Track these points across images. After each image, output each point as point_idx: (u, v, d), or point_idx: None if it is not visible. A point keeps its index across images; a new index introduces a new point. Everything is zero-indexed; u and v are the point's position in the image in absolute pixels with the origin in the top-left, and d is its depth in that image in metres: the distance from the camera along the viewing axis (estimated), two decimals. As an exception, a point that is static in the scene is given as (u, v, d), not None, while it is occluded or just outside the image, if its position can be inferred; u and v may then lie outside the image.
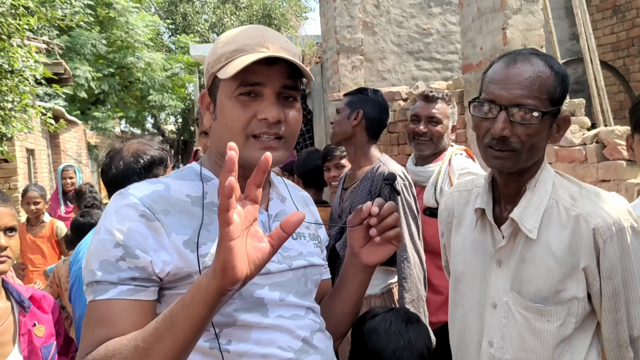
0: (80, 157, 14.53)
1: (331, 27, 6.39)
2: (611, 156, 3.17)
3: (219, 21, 23.24)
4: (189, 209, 1.16)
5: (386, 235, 1.26)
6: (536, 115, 1.34)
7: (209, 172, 1.25)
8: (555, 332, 1.40)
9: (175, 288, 1.12)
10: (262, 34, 1.18)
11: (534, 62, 1.38)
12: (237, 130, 1.15)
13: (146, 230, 1.09)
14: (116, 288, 1.06)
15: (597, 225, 1.38)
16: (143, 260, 1.08)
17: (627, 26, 7.25)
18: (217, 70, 1.17)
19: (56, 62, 8.66)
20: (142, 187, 1.17)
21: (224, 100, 1.17)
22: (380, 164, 2.51)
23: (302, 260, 1.27)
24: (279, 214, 1.29)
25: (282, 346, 1.17)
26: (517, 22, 3.74)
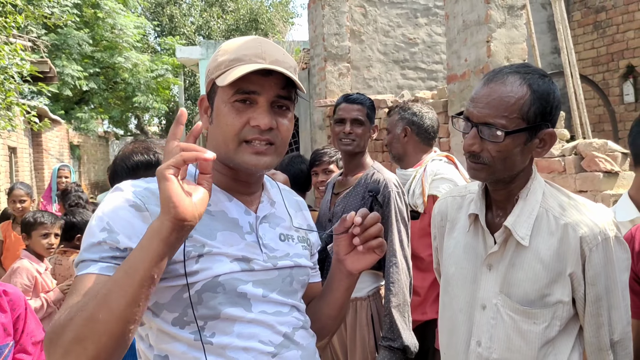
0: (63, 157, 14.39)
1: (319, 34, 6.46)
2: (589, 168, 3.27)
3: (206, 24, 23.20)
4: None
5: (369, 245, 1.28)
6: (499, 134, 1.41)
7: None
8: (541, 333, 1.47)
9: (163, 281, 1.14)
10: (261, 45, 1.25)
11: (508, 81, 1.44)
12: (231, 135, 1.21)
13: (134, 219, 1.14)
14: (96, 264, 1.10)
15: (584, 234, 1.44)
16: (123, 244, 1.12)
17: (607, 42, 7.44)
18: (216, 76, 1.24)
19: (41, 60, 8.60)
20: (137, 184, 1.22)
21: (221, 105, 1.23)
22: (374, 170, 2.57)
23: (288, 260, 1.31)
24: (267, 217, 1.33)
25: (263, 340, 1.21)
26: (501, 36, 3.84)
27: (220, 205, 1.27)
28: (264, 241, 1.29)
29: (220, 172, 1.28)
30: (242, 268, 1.22)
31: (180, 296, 1.17)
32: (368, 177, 2.54)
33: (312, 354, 1.32)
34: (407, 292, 2.43)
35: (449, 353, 1.65)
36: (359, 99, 2.61)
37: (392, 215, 2.45)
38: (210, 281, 1.17)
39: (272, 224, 1.34)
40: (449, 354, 1.65)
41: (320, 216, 2.72)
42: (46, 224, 3.46)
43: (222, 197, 1.28)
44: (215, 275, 1.17)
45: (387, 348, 2.36)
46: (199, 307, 1.16)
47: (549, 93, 1.45)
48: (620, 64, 7.24)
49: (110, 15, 15.14)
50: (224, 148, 1.24)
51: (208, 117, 1.29)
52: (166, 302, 1.18)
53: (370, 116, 2.61)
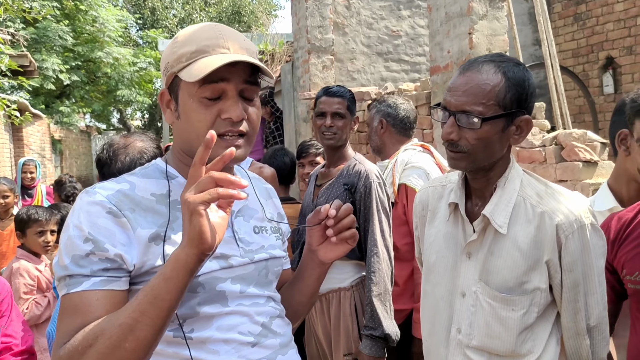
0: (44, 152, 14.22)
1: (302, 26, 6.45)
2: (569, 157, 3.33)
3: (188, 17, 23.01)
4: (153, 207, 1.20)
5: (342, 236, 1.29)
6: (476, 121, 1.45)
7: (173, 170, 1.28)
8: (519, 320, 1.50)
9: (142, 283, 1.14)
10: (221, 33, 1.22)
11: (484, 70, 1.48)
12: (203, 130, 1.17)
13: (114, 226, 1.13)
14: (89, 280, 1.10)
15: (560, 221, 1.48)
16: (112, 253, 1.11)
17: (587, 33, 7.52)
18: (178, 70, 1.20)
19: (21, 54, 8.48)
20: (108, 186, 1.20)
21: (187, 100, 1.20)
22: (355, 162, 2.58)
23: (263, 253, 1.32)
24: (241, 210, 1.33)
25: (242, 331, 1.23)
26: (483, 28, 3.88)
27: None
28: (239, 235, 1.29)
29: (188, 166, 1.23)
30: (221, 266, 1.22)
31: None
32: (350, 169, 2.56)
33: (289, 341, 1.35)
34: (389, 282, 2.46)
35: (431, 340, 1.68)
36: (339, 91, 2.62)
37: (374, 206, 2.47)
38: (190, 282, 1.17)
39: (246, 216, 1.34)
40: (431, 341, 1.68)
41: (304, 208, 2.73)
42: (41, 221, 3.34)
43: None
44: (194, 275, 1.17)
45: (369, 337, 2.39)
46: (179, 307, 1.15)
47: (524, 80, 1.49)
48: (599, 55, 7.33)
49: (92, 7, 14.93)
50: (197, 143, 1.18)
51: (172, 112, 1.25)
52: None
53: (351, 108, 2.62)
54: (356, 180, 2.51)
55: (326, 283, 2.51)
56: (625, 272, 1.63)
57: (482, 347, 1.54)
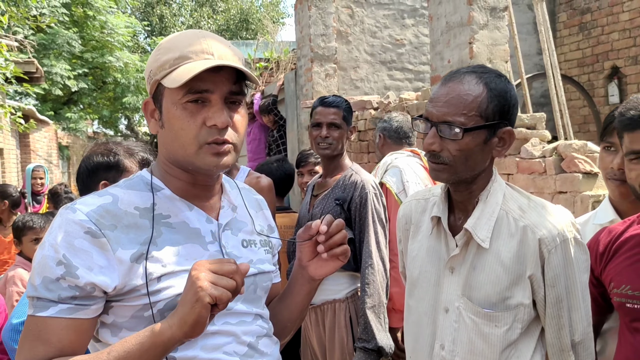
0: (51, 158, 14.31)
1: (306, 35, 6.46)
2: (568, 169, 3.29)
3: (196, 24, 23.14)
4: (136, 222, 1.16)
5: (333, 252, 1.27)
6: (457, 132, 1.43)
7: (159, 182, 1.25)
8: (502, 336, 1.47)
9: (123, 300, 1.13)
10: (205, 39, 1.19)
11: (465, 80, 1.46)
12: (188, 139, 1.16)
13: (91, 248, 1.10)
14: (56, 306, 1.08)
15: (542, 236, 1.46)
16: (83, 280, 1.08)
17: (593, 43, 7.49)
18: (161, 77, 1.17)
19: (28, 60, 8.55)
20: (89, 201, 1.16)
21: (171, 108, 1.17)
22: (352, 172, 2.58)
23: (252, 268, 1.28)
24: (229, 223, 1.30)
25: (228, 351, 1.20)
26: (484, 37, 3.86)
27: (180, 216, 1.23)
28: (227, 250, 1.26)
29: (176, 178, 1.24)
30: None
31: (140, 315, 1.14)
32: (346, 179, 2.56)
33: None
34: (383, 294, 2.45)
35: (414, 356, 1.66)
36: (334, 102, 2.62)
37: (369, 217, 2.46)
38: (173, 300, 1.14)
39: (234, 230, 1.31)
40: (414, 357, 1.66)
41: (300, 218, 2.73)
42: (36, 229, 3.33)
43: (182, 206, 1.24)
44: (177, 293, 1.13)
45: (362, 349, 2.38)
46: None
47: (506, 91, 1.47)
48: (605, 65, 7.29)
49: (100, 13, 15.03)
50: (182, 152, 1.18)
51: (157, 121, 1.23)
52: (125, 320, 1.15)
53: (346, 118, 2.62)
54: (351, 192, 2.50)
55: (321, 294, 2.51)
56: (612, 286, 1.61)
57: None
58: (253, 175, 2.95)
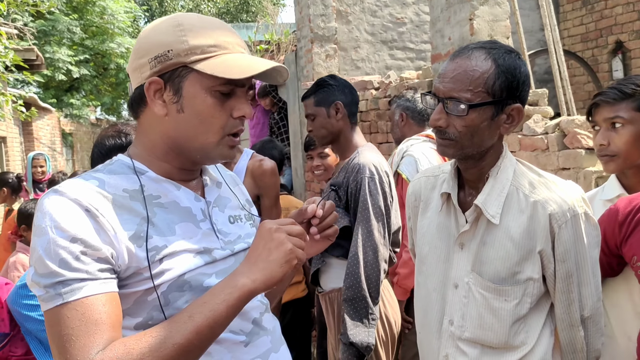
0: (55, 145, 14.33)
1: (305, 15, 6.40)
2: (571, 145, 3.27)
3: (196, 7, 22.96)
4: (128, 204, 1.13)
5: (325, 234, 1.30)
6: (463, 108, 1.42)
7: (141, 165, 1.21)
8: (512, 311, 1.48)
9: (126, 286, 1.10)
10: (233, 32, 1.20)
11: (473, 56, 1.45)
12: (216, 128, 1.16)
13: (96, 226, 1.06)
14: (88, 285, 1.02)
15: (553, 211, 1.46)
16: (105, 250, 1.05)
17: (596, 17, 7.39)
18: (191, 61, 1.13)
19: (28, 48, 8.52)
20: (77, 184, 1.11)
21: (199, 93, 1.14)
22: (356, 155, 2.47)
23: (242, 243, 1.29)
24: (217, 200, 1.30)
25: (234, 330, 1.19)
26: (484, 13, 3.81)
27: (170, 196, 1.21)
28: (217, 227, 1.26)
29: (163, 161, 1.22)
30: (205, 261, 1.18)
31: (143, 300, 1.11)
32: (349, 162, 2.49)
33: (279, 338, 1.32)
34: (365, 286, 2.28)
35: (424, 332, 1.67)
36: (306, 93, 2.55)
37: (361, 203, 2.34)
38: (176, 280, 1.12)
39: (220, 207, 1.31)
40: (424, 333, 1.67)
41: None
42: None
43: (169, 186, 1.22)
44: (180, 274, 1.13)
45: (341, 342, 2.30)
46: (166, 308, 1.11)
47: (515, 68, 1.46)
48: (609, 39, 7.20)
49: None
50: (202, 140, 1.17)
51: (165, 104, 1.16)
52: (128, 307, 1.11)
53: (321, 101, 2.51)
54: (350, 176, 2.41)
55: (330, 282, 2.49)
56: (635, 259, 1.60)
57: (474, 339, 1.53)
58: (256, 158, 2.95)
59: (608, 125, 1.81)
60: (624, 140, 1.77)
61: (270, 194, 2.85)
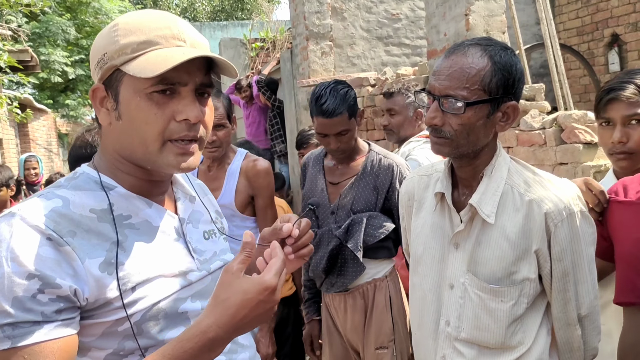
0: (51, 146, 14.30)
1: (300, 12, 6.38)
2: (568, 139, 3.26)
3: (191, 6, 22.92)
4: (96, 227, 1.03)
5: (300, 253, 1.17)
6: (459, 106, 1.40)
7: (109, 179, 1.10)
8: (509, 311, 1.47)
9: (93, 317, 1.00)
10: (175, 23, 1.06)
11: (469, 53, 1.43)
12: (153, 134, 1.03)
13: (58, 256, 0.95)
14: (42, 327, 0.92)
15: (548, 210, 1.44)
16: (65, 287, 0.94)
17: (592, 10, 7.38)
18: (121, 63, 1.02)
19: (22, 49, 8.47)
20: (39, 205, 1.00)
21: (133, 97, 1.03)
22: (378, 156, 2.46)
23: (217, 261, 1.23)
24: (190, 216, 1.22)
25: None
26: (480, 8, 3.80)
27: (141, 215, 1.11)
28: (192, 246, 1.18)
29: (129, 174, 1.11)
30: (181, 285, 1.10)
31: (113, 330, 1.02)
32: (375, 163, 2.43)
33: (254, 351, 1.29)
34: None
35: (420, 333, 1.65)
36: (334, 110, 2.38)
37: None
38: (150, 309, 1.04)
39: (194, 222, 1.23)
40: (420, 334, 1.65)
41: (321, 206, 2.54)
42: None
43: (140, 204, 1.11)
44: (155, 302, 1.05)
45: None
46: (140, 337, 1.03)
47: (511, 65, 1.44)
48: (604, 32, 7.19)
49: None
50: (142, 149, 1.05)
51: (110, 111, 1.07)
52: (93, 339, 1.02)
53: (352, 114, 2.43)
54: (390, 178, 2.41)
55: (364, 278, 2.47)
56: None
57: (471, 339, 1.51)
58: (250, 158, 2.91)
59: (625, 122, 1.76)
60: None
61: (265, 195, 2.81)
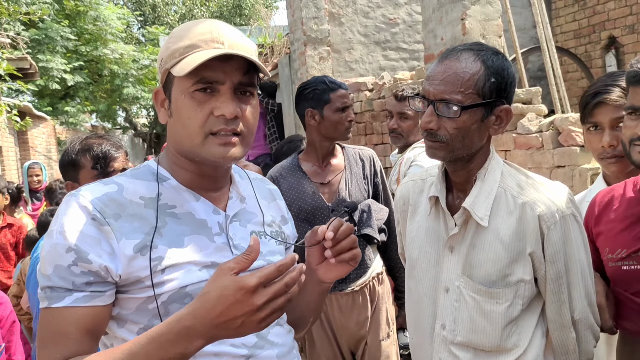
0: (50, 153, 14.29)
1: (298, 18, 6.40)
2: (566, 142, 3.27)
3: (189, 12, 22.97)
4: (141, 212, 1.15)
5: (341, 258, 1.21)
6: (455, 110, 1.41)
7: (165, 172, 1.23)
8: (504, 313, 1.47)
9: (128, 292, 1.11)
10: (217, 28, 1.16)
11: (462, 58, 1.45)
12: (195, 129, 1.14)
13: (98, 234, 1.09)
14: (71, 295, 1.06)
15: (541, 212, 1.45)
16: (96, 264, 1.07)
17: (588, 13, 7.40)
18: (170, 66, 1.15)
19: (21, 57, 8.49)
20: (95, 189, 1.15)
21: (179, 97, 1.15)
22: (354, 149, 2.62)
23: (260, 260, 1.22)
24: (238, 214, 1.27)
25: (235, 343, 1.16)
26: (476, 13, 3.81)
27: (186, 207, 1.20)
28: (234, 242, 1.23)
29: (184, 169, 1.22)
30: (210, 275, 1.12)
31: (144, 307, 1.12)
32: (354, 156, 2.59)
33: (289, 350, 1.28)
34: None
35: (416, 337, 1.66)
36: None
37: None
38: (177, 292, 1.12)
39: (242, 221, 1.28)
40: (416, 338, 1.66)
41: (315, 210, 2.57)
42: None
43: (188, 196, 1.21)
44: (182, 285, 1.12)
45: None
46: (165, 318, 1.07)
47: (503, 69, 1.46)
48: (601, 35, 7.21)
49: (92, 7, 14.93)
50: (188, 142, 1.16)
51: (166, 111, 1.20)
52: (130, 313, 1.13)
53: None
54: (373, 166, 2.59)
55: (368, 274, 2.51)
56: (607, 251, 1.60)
57: (467, 342, 1.52)
58: (240, 164, 2.94)
59: (613, 125, 1.76)
60: None
61: None
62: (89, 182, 1.96)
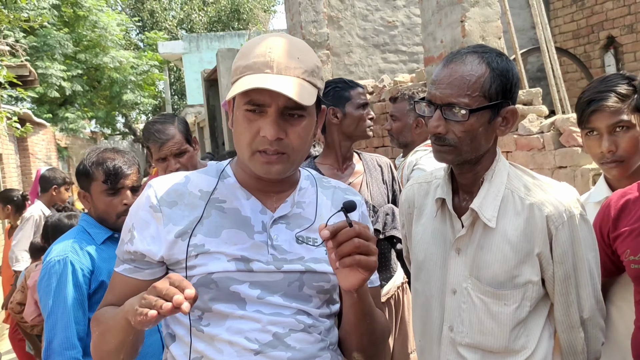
0: (50, 160, 14.28)
1: (296, 22, 6.41)
2: (567, 143, 3.27)
3: (187, 17, 23.02)
4: (194, 202, 1.29)
5: (343, 262, 1.10)
6: (463, 113, 1.42)
7: (230, 171, 1.35)
8: (512, 314, 1.47)
9: (173, 271, 1.27)
10: (273, 50, 1.21)
11: (467, 61, 1.45)
12: (244, 144, 1.24)
13: (150, 219, 1.27)
14: (122, 265, 1.31)
15: (549, 213, 1.45)
16: (133, 248, 1.27)
17: (587, 14, 7.41)
18: (233, 81, 1.25)
19: (20, 64, 8.50)
20: (165, 179, 1.33)
21: (237, 111, 1.26)
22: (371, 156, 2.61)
23: (299, 265, 1.26)
24: (286, 217, 1.31)
25: (249, 337, 1.23)
26: (475, 15, 3.82)
27: (235, 203, 1.30)
28: (274, 242, 1.27)
29: (242, 170, 1.33)
30: (238, 268, 1.24)
31: None
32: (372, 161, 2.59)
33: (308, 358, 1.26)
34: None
35: (424, 340, 1.65)
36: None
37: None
38: (204, 277, 1.23)
39: (291, 224, 1.30)
40: (424, 340, 1.65)
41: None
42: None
43: (240, 194, 1.31)
44: (209, 272, 1.23)
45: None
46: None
47: (508, 70, 1.47)
48: (600, 35, 7.22)
49: (91, 13, 14.94)
50: (240, 154, 1.28)
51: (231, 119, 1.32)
52: None
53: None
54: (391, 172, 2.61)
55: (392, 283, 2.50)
56: (629, 253, 1.59)
57: (474, 344, 1.52)
58: None
59: (611, 131, 1.77)
60: (631, 144, 1.75)
61: None
62: (98, 194, 2.03)
